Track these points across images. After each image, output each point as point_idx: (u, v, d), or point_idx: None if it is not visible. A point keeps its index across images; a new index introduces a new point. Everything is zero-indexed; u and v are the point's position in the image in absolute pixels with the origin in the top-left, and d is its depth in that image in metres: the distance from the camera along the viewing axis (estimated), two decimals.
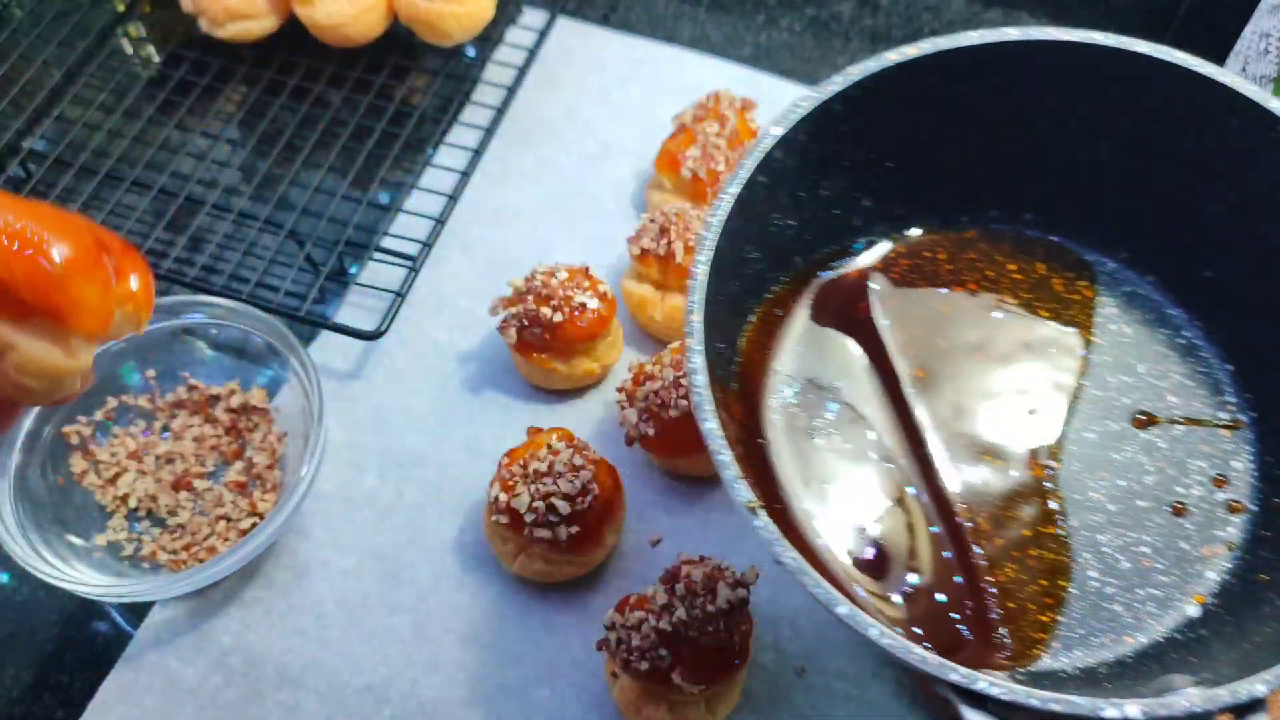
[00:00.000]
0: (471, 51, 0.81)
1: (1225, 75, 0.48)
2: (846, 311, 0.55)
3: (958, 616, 0.47)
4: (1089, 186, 0.55)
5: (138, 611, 0.58)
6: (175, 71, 0.78)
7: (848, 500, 0.49)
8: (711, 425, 0.42)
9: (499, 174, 0.75)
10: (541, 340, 0.61)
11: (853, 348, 0.54)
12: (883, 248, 0.56)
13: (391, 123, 0.76)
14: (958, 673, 0.37)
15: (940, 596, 0.47)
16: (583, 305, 0.60)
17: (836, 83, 0.49)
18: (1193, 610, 0.47)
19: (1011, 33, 0.50)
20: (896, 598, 0.47)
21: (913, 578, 0.48)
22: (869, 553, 0.48)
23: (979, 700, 0.37)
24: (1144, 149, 0.52)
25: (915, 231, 0.57)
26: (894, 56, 0.49)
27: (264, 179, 0.74)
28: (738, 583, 0.51)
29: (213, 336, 0.64)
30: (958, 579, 0.48)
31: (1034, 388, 0.53)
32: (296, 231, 0.70)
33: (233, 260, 0.70)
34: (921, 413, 0.52)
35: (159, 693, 0.56)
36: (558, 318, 0.60)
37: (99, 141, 0.75)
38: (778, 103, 0.77)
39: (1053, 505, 0.50)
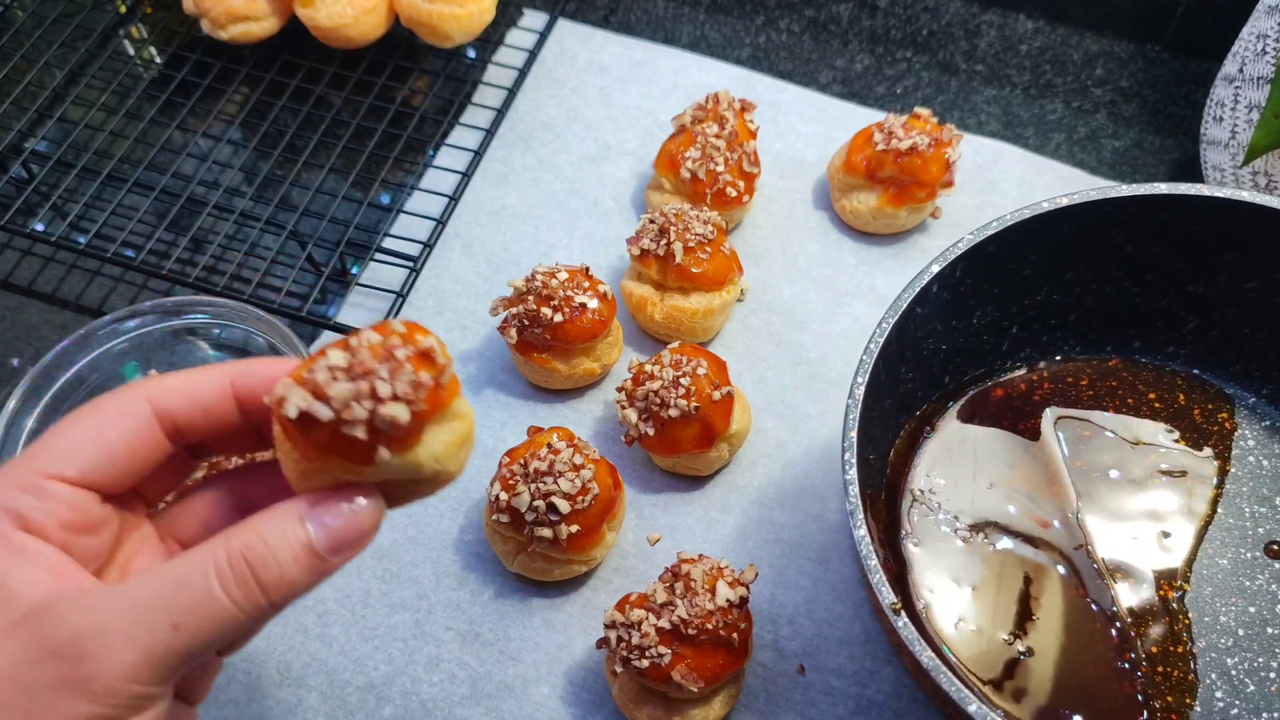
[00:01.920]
0: (472, 53, 0.82)
1: None
2: (1006, 425, 0.58)
3: None
4: (1233, 323, 0.58)
5: None
6: (177, 73, 0.78)
7: (983, 598, 0.53)
8: (862, 532, 0.45)
9: (499, 175, 0.75)
10: (542, 340, 0.62)
11: (1002, 460, 0.57)
12: (1027, 371, 0.60)
13: (392, 124, 0.76)
14: None
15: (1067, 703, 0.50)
16: (583, 305, 0.61)
17: (992, 226, 0.53)
18: None
19: (1160, 187, 0.53)
20: (1014, 701, 0.50)
21: (1042, 682, 0.50)
22: (993, 652, 0.51)
23: None
24: None
25: (1058, 357, 0.60)
26: (1047, 205, 0.53)
27: (265, 180, 0.74)
28: (737, 581, 0.51)
29: (215, 337, 0.64)
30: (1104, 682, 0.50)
31: (1167, 512, 0.56)
32: (298, 232, 0.70)
33: (234, 261, 0.70)
34: (1088, 525, 0.55)
35: None
36: (558, 318, 0.60)
37: (101, 142, 0.75)
38: (776, 104, 0.78)
39: (1181, 626, 0.52)
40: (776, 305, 0.69)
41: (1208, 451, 0.57)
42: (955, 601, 0.53)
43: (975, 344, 0.58)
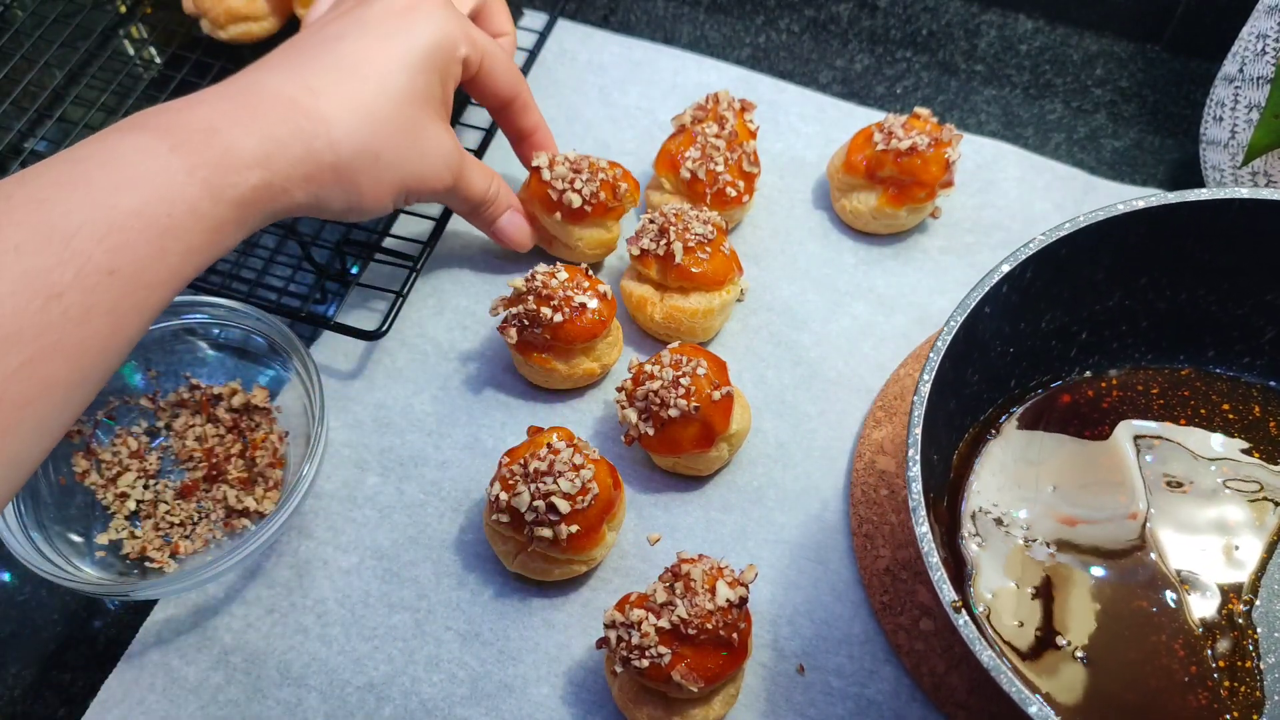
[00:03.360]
0: None
1: None
2: (1073, 431, 0.57)
3: None
4: None
5: (139, 610, 0.59)
6: (177, 73, 0.78)
7: (1042, 604, 0.52)
8: (924, 529, 0.45)
9: (499, 175, 0.75)
10: (542, 340, 0.62)
11: (1068, 466, 0.56)
12: (1095, 378, 0.59)
13: None
14: None
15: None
16: (583, 305, 0.61)
17: (1064, 228, 0.51)
18: None
19: (1241, 192, 0.51)
20: (1072, 709, 0.49)
21: (1102, 690, 0.49)
22: (1052, 659, 0.51)
23: None
24: None
25: (1128, 365, 0.59)
26: (1122, 207, 0.51)
27: None
28: (737, 581, 0.51)
29: (214, 336, 0.64)
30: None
31: (1237, 526, 0.54)
32: (298, 231, 0.70)
33: (234, 260, 0.70)
34: (1158, 535, 0.54)
35: (161, 691, 0.56)
36: (558, 318, 0.60)
37: None
38: (776, 104, 0.78)
39: (1249, 640, 0.51)
40: (776, 305, 0.69)
41: None
42: (1015, 605, 0.52)
43: (1043, 348, 0.57)
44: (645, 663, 0.49)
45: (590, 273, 0.63)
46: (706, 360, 0.58)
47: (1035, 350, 0.57)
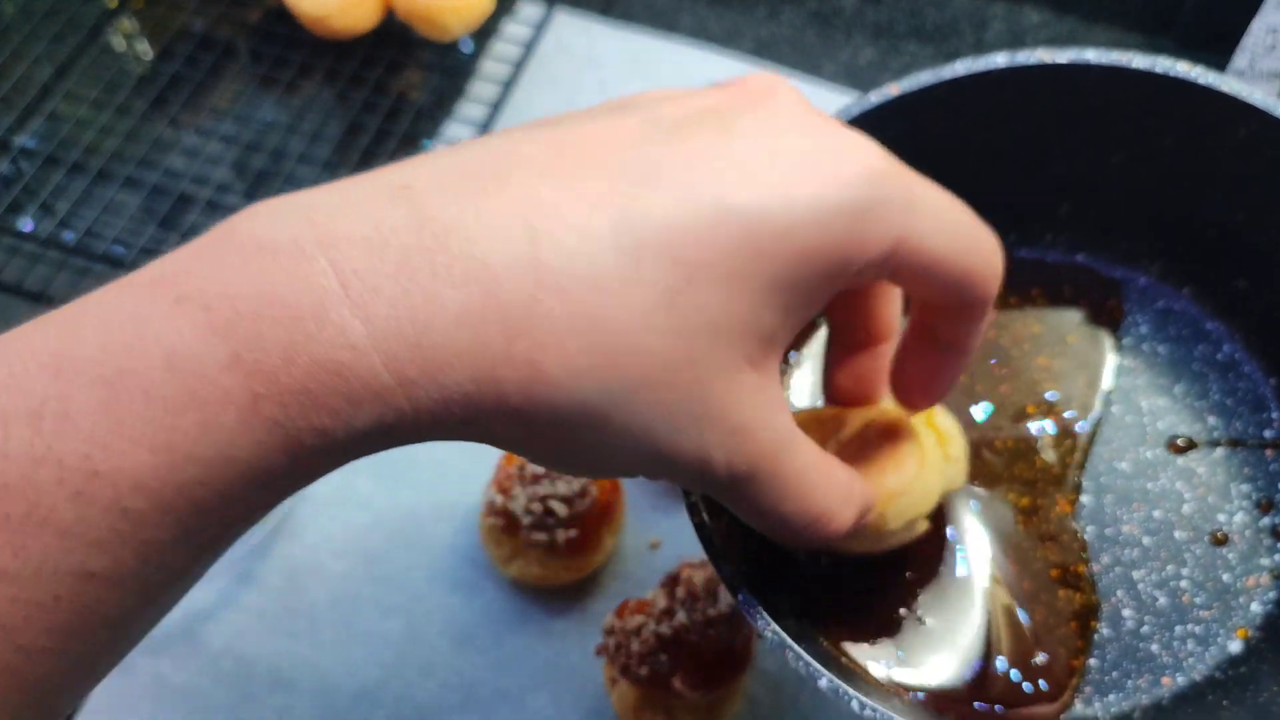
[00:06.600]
0: (467, 47, 0.81)
1: (1224, 83, 0.45)
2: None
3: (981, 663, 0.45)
4: (1109, 203, 0.52)
5: None
6: (168, 68, 0.77)
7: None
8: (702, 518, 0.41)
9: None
10: None
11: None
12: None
13: (387, 118, 0.75)
14: None
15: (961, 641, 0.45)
16: None
17: None
18: (1235, 646, 0.44)
19: (999, 59, 0.47)
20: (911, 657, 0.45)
21: (935, 628, 0.45)
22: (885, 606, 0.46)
23: None
24: (1156, 160, 0.49)
25: None
26: (875, 98, 0.48)
27: (257, 176, 0.73)
28: None
29: None
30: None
31: (1059, 417, 0.51)
32: None
33: None
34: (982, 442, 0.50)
35: (151, 697, 0.55)
36: None
37: (90, 139, 0.74)
38: None
39: (1081, 541, 0.48)
40: None
41: (1099, 345, 0.52)
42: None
43: None
44: (645, 670, 0.49)
45: None
46: None
47: None
